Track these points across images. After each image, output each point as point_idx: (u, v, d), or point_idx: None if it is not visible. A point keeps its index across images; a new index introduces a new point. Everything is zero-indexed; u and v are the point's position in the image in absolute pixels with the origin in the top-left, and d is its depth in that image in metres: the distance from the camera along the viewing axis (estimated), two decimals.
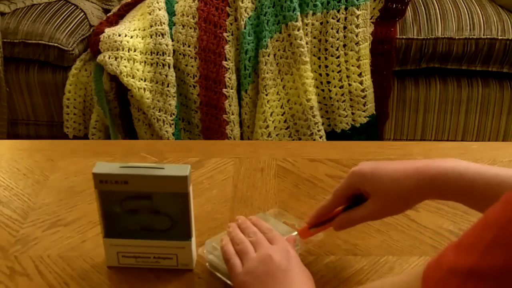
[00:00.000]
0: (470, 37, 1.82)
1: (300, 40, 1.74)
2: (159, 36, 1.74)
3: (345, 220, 0.78)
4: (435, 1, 1.90)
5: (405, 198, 0.73)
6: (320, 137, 1.79)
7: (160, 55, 1.73)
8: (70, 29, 1.90)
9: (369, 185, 0.74)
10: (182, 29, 1.76)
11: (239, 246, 0.75)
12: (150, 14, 1.78)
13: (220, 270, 0.78)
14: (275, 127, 1.78)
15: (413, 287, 0.50)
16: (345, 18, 1.78)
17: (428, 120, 1.92)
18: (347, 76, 1.79)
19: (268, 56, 1.74)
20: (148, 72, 1.74)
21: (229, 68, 1.74)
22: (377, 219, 0.79)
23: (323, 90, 1.82)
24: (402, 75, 1.89)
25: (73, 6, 1.99)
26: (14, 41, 1.89)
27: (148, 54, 1.74)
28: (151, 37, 1.74)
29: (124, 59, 1.72)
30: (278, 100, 1.78)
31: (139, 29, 1.78)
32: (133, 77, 1.72)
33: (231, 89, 1.75)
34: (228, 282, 0.76)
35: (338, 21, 1.78)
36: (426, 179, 0.70)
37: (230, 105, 1.75)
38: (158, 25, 1.75)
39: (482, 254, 0.42)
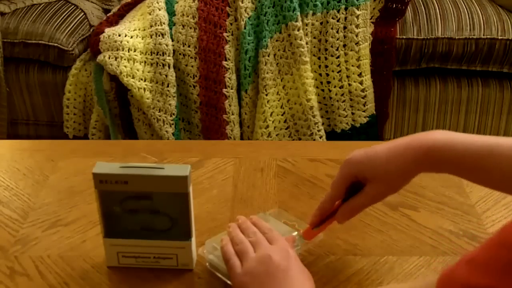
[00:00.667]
0: (470, 37, 1.82)
1: (300, 40, 1.74)
2: (159, 36, 1.74)
3: (347, 209, 0.78)
4: (435, 1, 1.90)
5: (403, 175, 0.74)
6: (320, 137, 1.79)
7: (160, 55, 1.73)
8: (70, 29, 1.90)
9: (367, 169, 0.75)
10: (182, 29, 1.76)
11: (238, 246, 0.75)
12: (150, 14, 1.78)
13: (220, 270, 0.78)
14: (275, 127, 1.78)
15: None
16: (345, 18, 1.78)
17: (428, 120, 1.92)
18: (347, 76, 1.79)
19: (268, 56, 1.74)
20: (148, 72, 1.74)
21: (229, 68, 1.74)
22: (378, 201, 0.79)
23: (323, 90, 1.82)
24: (402, 75, 1.89)
25: (73, 6, 1.99)
26: (14, 41, 1.89)
27: (148, 54, 1.74)
28: (151, 37, 1.74)
29: (124, 59, 1.72)
30: (278, 100, 1.78)
31: (139, 29, 1.78)
32: (133, 77, 1.72)
33: (231, 89, 1.75)
34: (228, 282, 0.76)
35: (338, 21, 1.78)
36: (420, 153, 0.71)
37: (230, 105, 1.75)
38: (158, 25, 1.75)
39: (499, 275, 0.41)
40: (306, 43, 1.76)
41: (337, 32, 1.78)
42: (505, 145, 0.67)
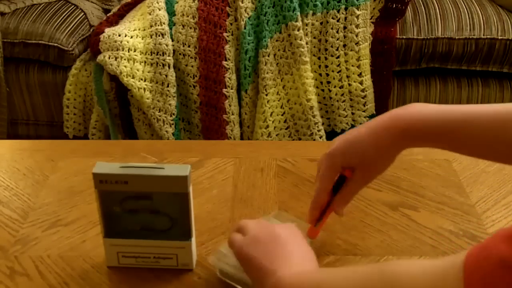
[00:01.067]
0: (470, 37, 1.82)
1: (300, 40, 1.74)
2: (159, 36, 1.74)
3: (342, 198, 0.79)
4: (435, 1, 1.90)
5: (386, 156, 0.75)
6: (320, 137, 1.79)
7: (160, 55, 1.73)
8: (70, 29, 1.90)
9: (352, 157, 0.76)
10: (182, 29, 1.76)
11: (239, 226, 0.75)
12: (150, 14, 1.78)
13: (232, 277, 0.77)
14: (275, 127, 1.78)
15: (450, 274, 0.46)
16: (345, 18, 1.78)
17: None
18: (347, 76, 1.79)
19: (268, 56, 1.74)
20: (148, 72, 1.74)
21: (229, 68, 1.74)
22: (369, 183, 0.80)
23: (323, 90, 1.82)
24: (402, 75, 1.89)
25: (73, 6, 1.99)
26: (14, 41, 1.89)
27: (148, 54, 1.74)
28: (151, 37, 1.74)
29: (124, 59, 1.72)
30: (278, 100, 1.78)
31: (139, 29, 1.78)
32: (133, 77, 1.72)
33: (231, 89, 1.75)
34: None
35: (338, 21, 1.78)
36: (398, 134, 0.72)
37: (230, 105, 1.75)
38: (158, 25, 1.75)
39: None
40: (306, 43, 1.76)
41: (337, 32, 1.78)
42: (480, 112, 0.68)
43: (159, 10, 1.77)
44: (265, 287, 0.66)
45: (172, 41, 1.76)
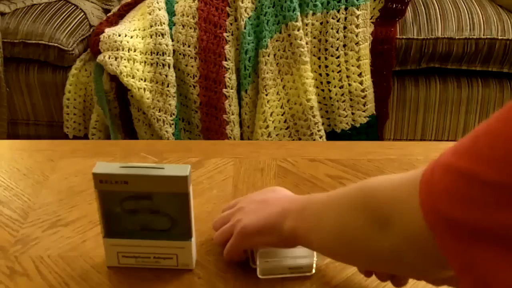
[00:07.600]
0: (470, 37, 1.82)
1: (300, 40, 1.74)
2: (159, 36, 1.74)
3: None
4: (435, 1, 1.90)
5: None
6: (320, 137, 1.79)
7: (160, 55, 1.73)
8: (70, 29, 1.90)
9: None
10: (182, 29, 1.76)
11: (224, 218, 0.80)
12: (150, 14, 1.78)
13: (275, 270, 0.77)
14: (275, 127, 1.78)
15: (409, 183, 0.52)
16: (345, 18, 1.78)
17: (428, 120, 1.92)
18: (347, 76, 1.79)
19: (268, 56, 1.74)
20: (148, 72, 1.74)
21: (229, 68, 1.74)
22: None
23: (323, 90, 1.82)
24: (402, 75, 1.89)
25: (73, 6, 1.99)
26: (14, 41, 1.89)
27: (148, 54, 1.74)
28: (151, 37, 1.74)
29: (124, 59, 1.72)
30: (278, 100, 1.78)
31: (139, 29, 1.78)
32: (133, 77, 1.72)
33: (231, 89, 1.75)
34: (289, 275, 0.76)
35: (338, 21, 1.78)
36: None
37: (230, 105, 1.75)
38: (158, 25, 1.75)
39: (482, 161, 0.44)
40: (306, 43, 1.76)
41: (337, 32, 1.78)
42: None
43: (159, 10, 1.77)
44: (283, 230, 0.70)
45: (172, 41, 1.76)
